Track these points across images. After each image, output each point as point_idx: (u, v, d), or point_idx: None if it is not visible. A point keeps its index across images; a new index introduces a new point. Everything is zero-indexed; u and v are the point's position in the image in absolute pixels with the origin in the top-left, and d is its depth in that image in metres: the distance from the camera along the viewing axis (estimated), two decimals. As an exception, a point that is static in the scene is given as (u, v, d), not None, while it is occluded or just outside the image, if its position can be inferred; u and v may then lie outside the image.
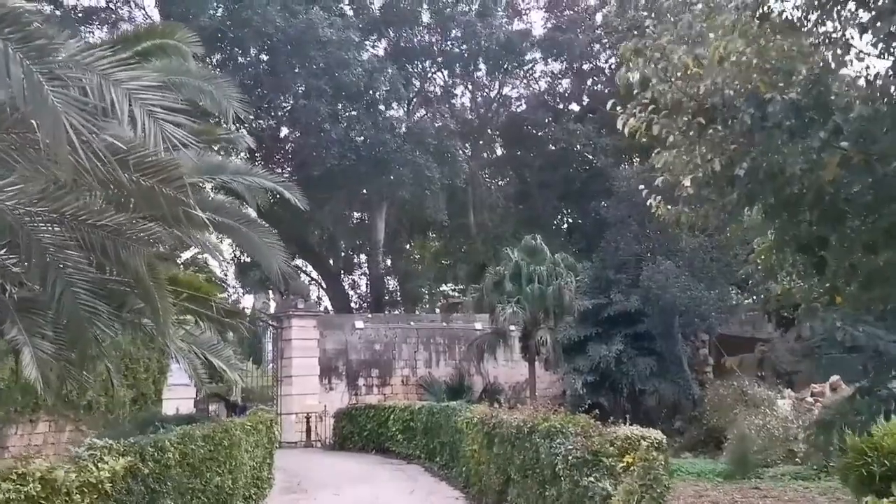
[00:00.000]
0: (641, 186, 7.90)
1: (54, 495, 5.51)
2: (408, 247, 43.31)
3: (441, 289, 45.18)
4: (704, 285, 22.77)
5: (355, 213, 37.85)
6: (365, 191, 33.49)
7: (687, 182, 5.63)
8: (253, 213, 11.48)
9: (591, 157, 37.83)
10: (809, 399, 23.27)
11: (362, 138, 27.57)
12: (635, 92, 5.85)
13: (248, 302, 40.75)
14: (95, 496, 6.15)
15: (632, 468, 4.61)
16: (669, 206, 6.97)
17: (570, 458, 5.76)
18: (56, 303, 7.21)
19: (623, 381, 23.46)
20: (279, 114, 31.39)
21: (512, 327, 26.07)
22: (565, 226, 42.02)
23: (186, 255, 42.71)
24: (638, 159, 29.19)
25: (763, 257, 7.60)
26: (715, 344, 28.47)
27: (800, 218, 5.93)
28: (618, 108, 6.25)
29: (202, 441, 9.36)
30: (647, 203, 7.28)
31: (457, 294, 41.37)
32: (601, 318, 24.77)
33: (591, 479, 5.25)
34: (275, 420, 15.70)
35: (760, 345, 27.96)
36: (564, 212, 42.00)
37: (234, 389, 42.74)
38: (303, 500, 13.35)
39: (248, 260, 38.58)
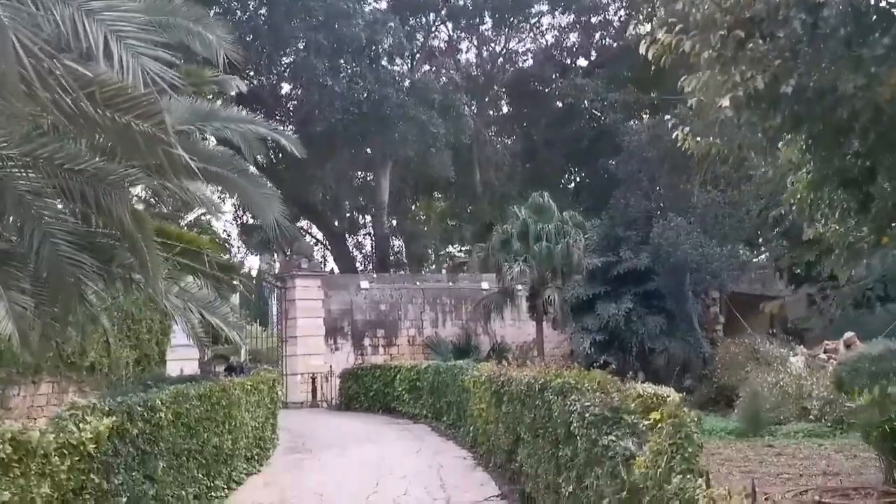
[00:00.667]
0: (668, 117, 7.25)
1: (29, 458, 5.10)
2: (413, 207, 42.70)
3: (447, 250, 44.78)
4: (716, 242, 22.20)
5: (359, 173, 37.22)
6: (369, 150, 32.85)
7: (725, 102, 5.02)
8: (251, 167, 10.94)
9: (598, 114, 37.06)
10: (822, 356, 22.86)
11: (365, 94, 26.82)
12: (661, 13, 5.24)
13: (253, 263, 40.51)
14: (77, 458, 5.74)
15: (660, 426, 4.15)
16: (699, 139, 6.38)
17: (587, 415, 5.27)
18: (35, 254, 6.76)
19: (632, 340, 23.05)
20: (279, 69, 30.64)
21: (519, 287, 25.67)
22: (572, 185, 41.38)
23: (190, 217, 42.34)
24: (648, 114, 28.42)
25: (799, 196, 7.01)
26: (726, 302, 28.02)
27: (847, 148, 5.37)
28: (639, 28, 5.65)
29: (197, 400, 8.95)
30: (674, 136, 6.68)
31: (463, 255, 40.99)
32: (610, 276, 24.30)
33: (612, 437, 4.77)
34: (277, 380, 15.34)
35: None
36: (571, 170, 41.39)
37: (242, 350, 42.78)
38: (307, 460, 13.04)
39: (251, 221, 38.17)
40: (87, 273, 7.15)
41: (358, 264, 37.71)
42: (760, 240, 26.52)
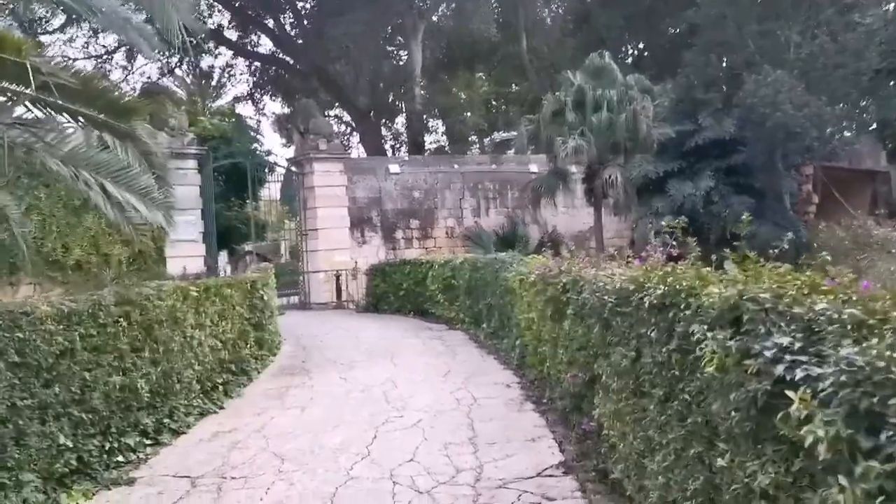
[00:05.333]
0: None
1: None
2: (454, 90, 38.09)
3: (491, 137, 40.50)
4: (826, 100, 17.65)
5: (390, 48, 32.75)
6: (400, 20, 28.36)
7: None
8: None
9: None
10: (953, 240, 18.65)
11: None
12: None
13: (287, 152, 36.86)
14: None
15: None
16: None
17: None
18: None
19: (712, 225, 18.97)
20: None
21: (573, 168, 21.83)
22: (630, 59, 36.31)
23: (216, 104, 38.62)
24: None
25: None
26: (822, 178, 23.59)
27: None
28: None
29: (56, 324, 5.43)
30: None
31: (508, 134, 36.74)
32: (686, 149, 20.06)
33: None
34: (263, 281, 11.88)
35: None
36: (630, 39, 36.28)
37: (282, 246, 39.78)
38: (296, 388, 9.68)
39: (274, 106, 34.37)
40: None
41: (389, 149, 33.78)
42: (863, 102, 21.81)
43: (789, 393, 2.16)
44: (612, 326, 4.60)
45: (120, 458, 6.32)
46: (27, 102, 6.12)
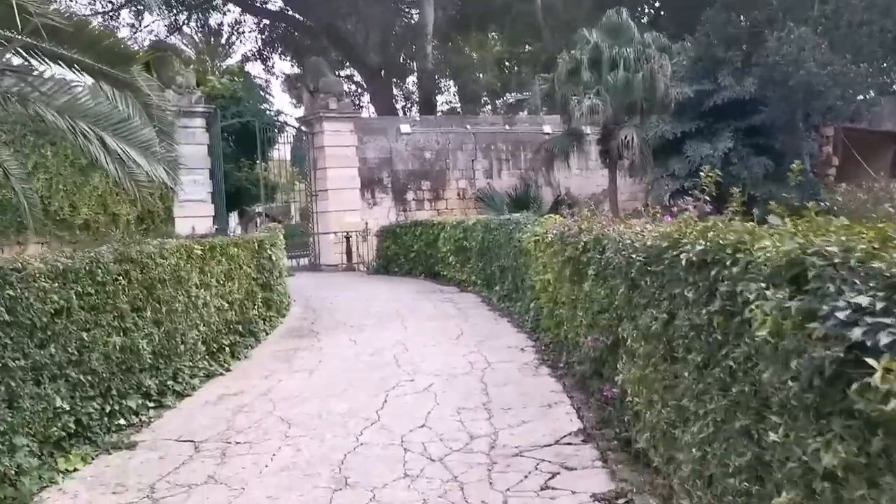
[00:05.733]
0: None
1: None
2: (466, 50, 37.36)
3: (504, 99, 39.84)
4: (850, 58, 17.05)
5: (399, 5, 32.02)
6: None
7: None
8: None
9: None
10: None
11: None
12: None
13: (297, 113, 36.36)
14: None
15: None
16: None
17: None
18: None
19: (731, 187, 18.50)
20: None
21: (588, 129, 21.40)
22: (646, 17, 35.50)
23: (225, 63, 38.18)
24: None
25: None
26: (843, 140, 22.99)
27: None
28: None
29: (49, 281, 5.16)
30: None
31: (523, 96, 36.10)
32: (704, 109, 19.52)
33: None
34: (272, 241, 11.61)
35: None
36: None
37: (292, 208, 39.47)
38: (304, 350, 9.46)
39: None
40: None
41: (400, 110, 33.22)
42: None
43: (870, 361, 1.87)
44: (640, 287, 4.30)
45: (121, 422, 6.13)
46: (20, 48, 5.79)
